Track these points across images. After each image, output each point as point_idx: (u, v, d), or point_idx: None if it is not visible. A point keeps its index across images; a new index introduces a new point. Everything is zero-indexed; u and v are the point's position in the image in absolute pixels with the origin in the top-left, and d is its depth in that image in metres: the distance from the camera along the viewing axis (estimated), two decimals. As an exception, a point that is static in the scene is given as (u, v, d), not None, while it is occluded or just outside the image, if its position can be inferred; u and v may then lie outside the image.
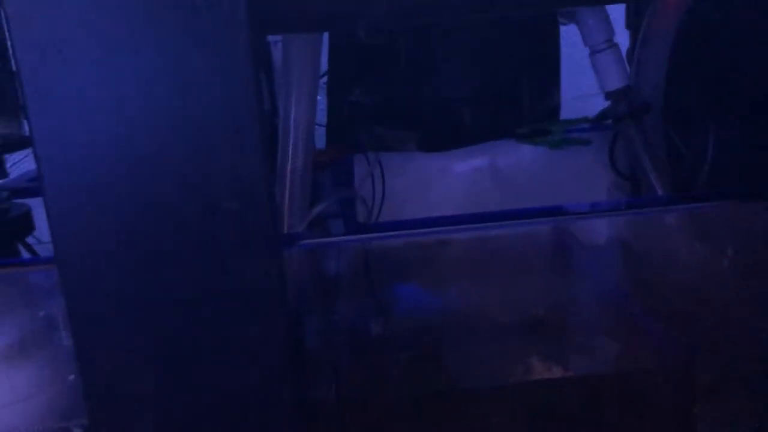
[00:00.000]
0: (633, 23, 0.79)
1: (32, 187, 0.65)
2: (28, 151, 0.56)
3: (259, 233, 0.37)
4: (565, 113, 0.89)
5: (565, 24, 0.81)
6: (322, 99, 0.83)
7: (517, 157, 0.81)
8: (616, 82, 0.71)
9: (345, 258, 0.60)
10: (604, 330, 0.56)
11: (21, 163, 0.74)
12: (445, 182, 0.81)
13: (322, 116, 0.83)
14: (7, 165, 0.72)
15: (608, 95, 0.73)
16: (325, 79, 0.80)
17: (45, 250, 0.62)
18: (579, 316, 0.59)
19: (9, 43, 0.35)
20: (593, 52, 0.71)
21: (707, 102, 0.75)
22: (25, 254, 0.58)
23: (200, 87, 0.35)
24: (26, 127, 0.52)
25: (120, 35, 0.34)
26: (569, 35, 0.88)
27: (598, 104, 0.80)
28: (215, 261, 0.37)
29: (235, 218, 0.36)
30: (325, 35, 0.70)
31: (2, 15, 0.37)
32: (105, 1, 0.34)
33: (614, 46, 0.71)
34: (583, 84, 0.86)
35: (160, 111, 0.35)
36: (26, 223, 0.55)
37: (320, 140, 0.82)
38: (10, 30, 0.35)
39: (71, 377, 0.45)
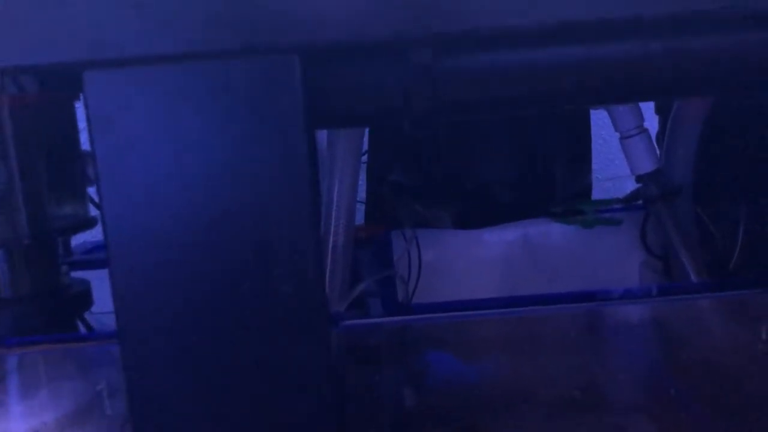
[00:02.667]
0: (663, 108, 0.82)
1: (89, 259, 0.69)
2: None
3: (312, 314, 0.39)
4: (597, 194, 0.91)
5: (596, 109, 0.84)
6: (361, 176, 0.87)
7: (550, 235, 0.83)
8: (646, 166, 0.74)
9: (383, 338, 0.62)
10: (640, 412, 0.57)
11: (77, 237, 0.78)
12: (478, 258, 0.83)
13: (361, 192, 0.86)
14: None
15: (639, 178, 0.75)
16: (365, 157, 0.84)
17: (96, 320, 0.64)
18: (614, 402, 0.60)
19: (89, 136, 0.39)
20: (624, 137, 0.74)
21: (737, 184, 0.77)
22: (81, 328, 0.60)
23: (261, 176, 0.38)
24: (90, 209, 0.56)
25: (189, 131, 0.38)
26: (599, 117, 0.91)
27: (628, 185, 0.82)
28: (270, 339, 0.39)
29: (291, 299, 0.39)
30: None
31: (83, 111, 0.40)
32: (177, 101, 0.38)
33: (644, 131, 0.74)
34: (614, 165, 0.88)
35: (224, 199, 0.39)
36: (86, 299, 0.58)
37: (359, 216, 0.85)
38: (91, 124, 0.39)
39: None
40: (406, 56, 0.41)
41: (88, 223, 0.54)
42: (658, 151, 0.77)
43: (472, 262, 0.83)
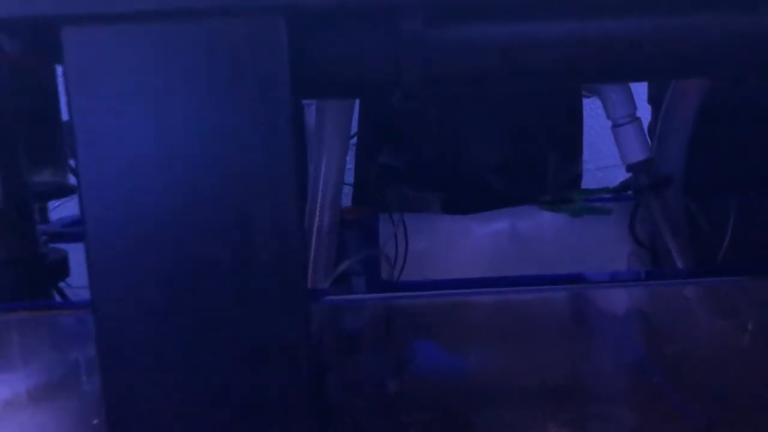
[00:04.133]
0: (655, 97, 0.81)
1: (69, 232, 0.67)
2: (67, 197, 0.58)
3: (291, 284, 0.38)
4: (587, 183, 0.91)
5: (588, 97, 0.83)
6: (350, 158, 0.86)
7: (539, 223, 0.82)
8: (637, 154, 0.73)
9: (367, 315, 0.61)
10: (621, 399, 0.56)
11: (57, 210, 0.77)
12: (466, 244, 0.82)
13: (349, 175, 0.85)
14: (45, 210, 0.74)
15: (630, 167, 0.74)
16: (354, 139, 0.83)
17: (75, 294, 0.63)
18: (597, 385, 0.60)
19: (66, 97, 0.38)
20: (615, 126, 0.73)
21: (728, 176, 0.76)
22: (57, 298, 0.59)
23: (243, 143, 0.37)
24: (70, 176, 0.55)
25: (170, 93, 0.37)
26: (592, 107, 0.90)
27: (619, 175, 0.82)
28: (248, 310, 0.38)
29: (270, 269, 0.38)
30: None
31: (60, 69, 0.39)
32: (158, 62, 0.37)
33: (636, 120, 0.73)
34: (604, 155, 0.88)
35: (204, 164, 0.37)
36: (62, 269, 0.56)
37: (346, 198, 0.84)
38: (68, 84, 0.37)
39: (95, 421, 0.46)
40: (397, 24, 0.40)
41: (66, 190, 0.53)
42: (649, 142, 0.76)
43: (460, 248, 0.82)
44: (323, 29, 0.41)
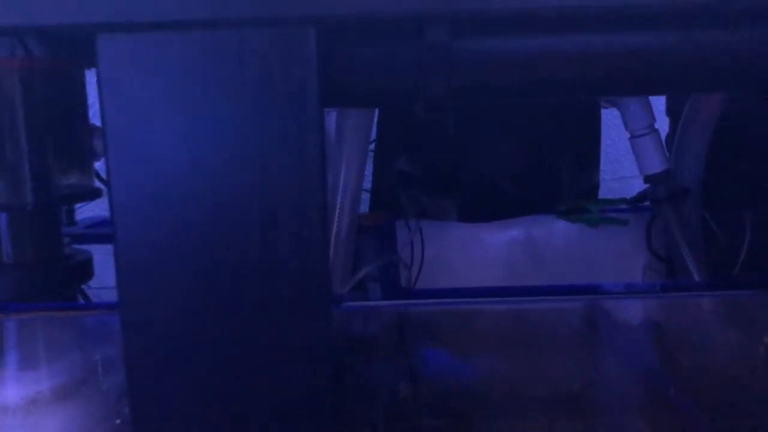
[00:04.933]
0: (674, 110, 0.81)
1: (92, 233, 0.68)
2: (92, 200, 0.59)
3: (315, 290, 0.39)
4: (604, 194, 0.91)
5: (606, 108, 0.84)
6: (368, 165, 0.86)
7: (555, 232, 0.83)
8: (655, 166, 0.73)
9: (384, 321, 0.62)
10: (635, 410, 0.57)
11: (80, 211, 0.78)
12: (482, 252, 0.83)
13: (367, 181, 0.86)
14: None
15: (647, 179, 0.75)
16: (372, 145, 0.83)
17: (95, 295, 0.64)
18: (610, 395, 0.60)
19: (98, 102, 0.39)
20: (633, 137, 0.74)
21: (745, 189, 0.76)
22: (80, 299, 0.60)
23: (271, 151, 0.38)
24: (95, 179, 0.56)
25: (200, 100, 0.38)
26: (610, 118, 0.91)
27: (636, 186, 0.82)
28: (272, 313, 0.39)
29: (295, 274, 0.38)
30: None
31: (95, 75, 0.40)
32: (189, 70, 0.37)
33: (655, 131, 0.74)
34: (622, 167, 0.88)
35: (232, 171, 0.38)
36: (87, 270, 0.57)
37: (364, 205, 0.85)
38: (101, 90, 0.38)
39: (117, 421, 0.46)
40: (423, 35, 0.41)
41: (93, 193, 0.54)
42: (667, 153, 0.77)
43: (476, 257, 0.82)
44: (350, 39, 0.42)
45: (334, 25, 0.38)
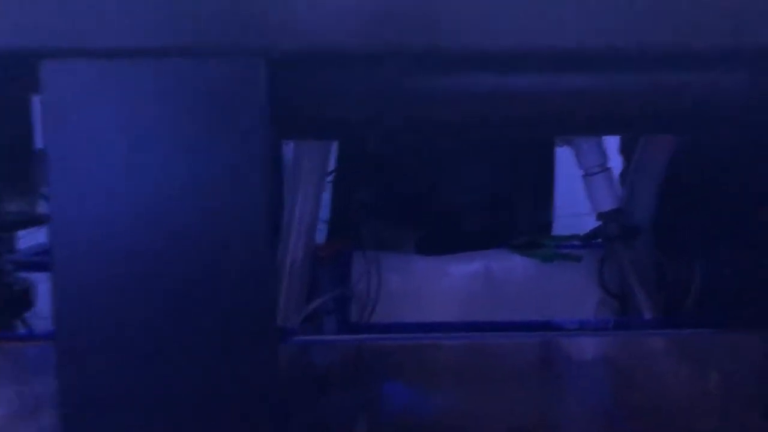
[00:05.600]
0: (626, 149, 0.83)
1: (35, 261, 0.66)
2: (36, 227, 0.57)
3: (260, 326, 0.38)
4: (558, 230, 0.92)
5: (561, 146, 0.85)
6: (326, 194, 0.86)
7: (511, 267, 0.83)
8: (607, 204, 0.74)
9: (334, 356, 0.61)
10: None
11: (25, 239, 0.76)
12: (439, 285, 0.83)
13: (324, 212, 0.85)
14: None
15: (599, 216, 0.76)
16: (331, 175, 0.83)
17: (39, 325, 0.62)
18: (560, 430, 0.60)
19: (42, 130, 0.38)
20: (586, 175, 0.75)
21: (696, 229, 0.78)
22: (21, 328, 0.58)
23: (216, 182, 0.37)
24: (40, 207, 0.54)
25: (145, 129, 0.37)
26: (565, 153, 0.92)
27: (590, 223, 0.83)
28: (216, 351, 0.38)
29: (239, 309, 0.38)
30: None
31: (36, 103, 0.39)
32: (135, 98, 0.37)
33: (607, 170, 0.75)
34: (576, 203, 0.89)
35: (176, 205, 0.38)
36: (27, 299, 0.55)
37: (321, 234, 0.84)
38: (45, 116, 0.37)
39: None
40: (378, 71, 0.41)
41: (37, 220, 0.52)
42: (619, 192, 0.78)
43: (436, 289, 0.82)
44: (305, 72, 0.41)
45: (285, 58, 0.38)
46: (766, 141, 0.60)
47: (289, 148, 0.71)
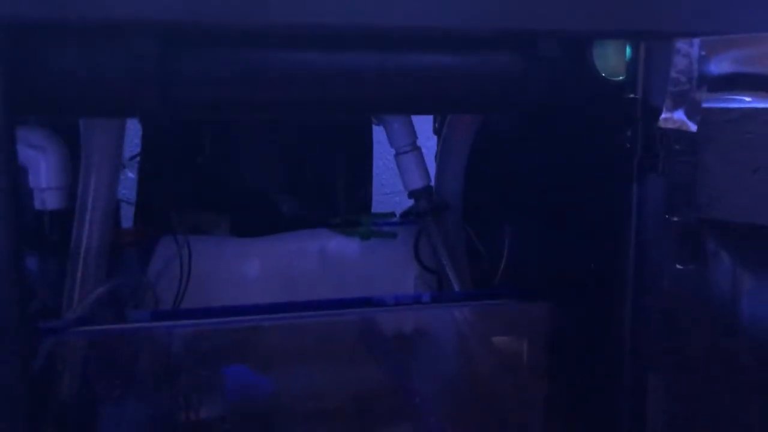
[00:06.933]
0: (439, 129, 0.85)
1: None
2: None
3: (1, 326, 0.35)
4: (386, 207, 0.93)
5: (377, 124, 0.86)
6: (134, 177, 0.82)
7: (330, 246, 0.83)
8: (417, 181, 0.76)
9: (123, 345, 0.58)
10: (387, 419, 0.58)
11: None
12: (257, 267, 0.81)
13: (133, 194, 0.81)
14: None
15: (411, 194, 0.78)
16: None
17: None
18: (366, 405, 0.61)
19: None
20: (398, 154, 0.76)
21: (503, 205, 0.82)
22: None
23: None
24: None
25: None
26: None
27: (409, 202, 0.85)
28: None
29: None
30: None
31: None
32: None
33: (416, 149, 0.77)
34: (396, 182, 0.91)
35: None
36: None
37: (129, 220, 0.80)
38: None
39: None
40: (133, 46, 0.38)
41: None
42: (428, 170, 0.80)
43: (251, 271, 0.81)
44: (53, 45, 0.38)
45: (22, 29, 0.35)
46: (549, 122, 0.64)
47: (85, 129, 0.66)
